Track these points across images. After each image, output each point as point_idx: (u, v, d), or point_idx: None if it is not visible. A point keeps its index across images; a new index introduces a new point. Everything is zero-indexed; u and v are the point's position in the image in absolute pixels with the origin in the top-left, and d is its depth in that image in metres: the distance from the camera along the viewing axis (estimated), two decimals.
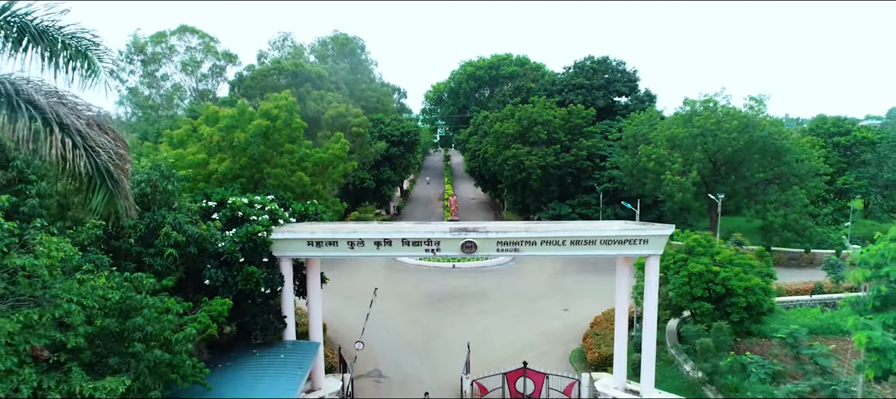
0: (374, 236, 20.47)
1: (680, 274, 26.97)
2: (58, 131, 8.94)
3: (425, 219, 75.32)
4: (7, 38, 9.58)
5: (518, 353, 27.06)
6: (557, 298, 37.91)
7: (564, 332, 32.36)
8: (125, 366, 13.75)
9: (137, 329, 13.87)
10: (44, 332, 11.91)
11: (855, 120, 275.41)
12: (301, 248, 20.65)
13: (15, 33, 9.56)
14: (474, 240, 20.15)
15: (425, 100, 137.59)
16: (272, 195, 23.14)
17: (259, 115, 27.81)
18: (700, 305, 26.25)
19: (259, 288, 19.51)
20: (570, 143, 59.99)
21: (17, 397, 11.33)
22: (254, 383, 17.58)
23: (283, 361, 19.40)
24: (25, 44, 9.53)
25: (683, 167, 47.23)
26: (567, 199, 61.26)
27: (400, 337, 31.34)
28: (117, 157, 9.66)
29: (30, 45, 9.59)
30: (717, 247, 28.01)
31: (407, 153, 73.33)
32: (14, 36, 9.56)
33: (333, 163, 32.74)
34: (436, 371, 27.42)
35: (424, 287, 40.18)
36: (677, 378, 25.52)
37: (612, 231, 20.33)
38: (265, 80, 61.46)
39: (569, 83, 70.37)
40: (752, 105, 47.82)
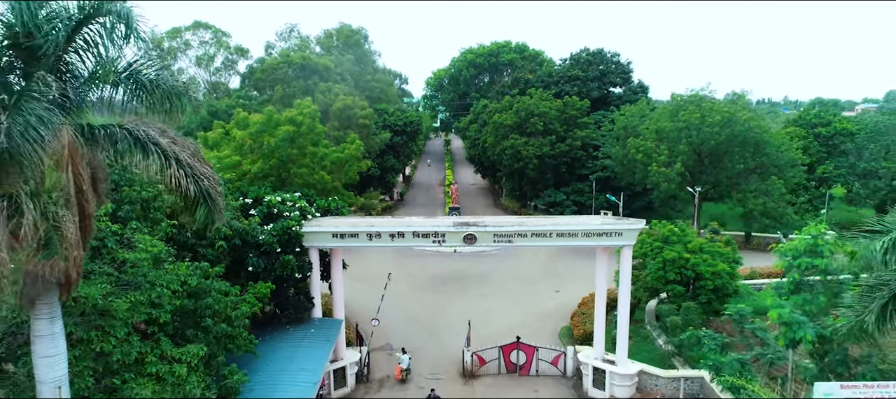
0: (389, 229, 24.01)
1: (656, 260, 30.53)
2: (175, 166, 12.32)
3: (427, 204, 78.85)
4: (126, 89, 12.95)
5: (513, 329, 30.66)
6: (550, 281, 41.50)
7: (555, 311, 36.02)
8: (197, 337, 17.36)
9: (207, 308, 17.49)
10: (143, 310, 15.50)
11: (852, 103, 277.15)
12: (327, 240, 24.20)
13: (133, 86, 12.93)
14: (474, 232, 23.68)
15: (426, 86, 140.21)
16: (299, 192, 26.60)
17: (285, 122, 31.23)
18: (673, 288, 29.91)
19: (293, 273, 23.10)
20: (565, 133, 63.14)
21: (127, 359, 14.92)
22: (293, 353, 21.21)
23: (313, 335, 23.03)
24: (139, 92, 12.91)
25: (669, 159, 50.54)
26: (562, 186, 64.57)
27: (408, 315, 35.00)
28: (214, 182, 13.07)
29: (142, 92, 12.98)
30: (690, 236, 31.49)
31: (409, 142, 76.58)
32: (132, 87, 12.93)
33: (349, 161, 36.28)
34: (440, 345, 31.13)
35: (429, 270, 43.75)
36: (652, 351, 29.25)
37: (591, 225, 23.88)
38: (275, 73, 64.55)
39: (565, 75, 73.38)
40: (734, 99, 50.93)
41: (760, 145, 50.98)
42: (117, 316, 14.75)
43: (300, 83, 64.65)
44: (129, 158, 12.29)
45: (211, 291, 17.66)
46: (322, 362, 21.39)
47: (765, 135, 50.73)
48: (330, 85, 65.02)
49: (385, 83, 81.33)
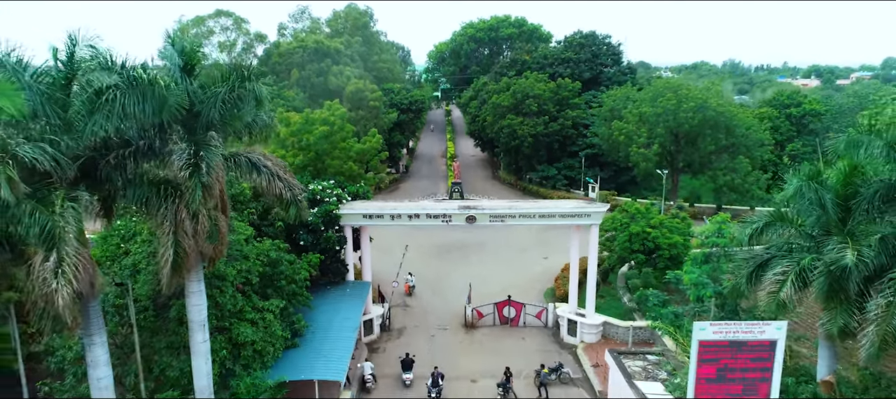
0: (408, 211, 30.55)
1: (624, 233, 37.08)
2: (277, 180, 18.67)
3: (430, 176, 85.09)
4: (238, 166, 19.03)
5: (506, 289, 37.36)
6: (539, 250, 48.10)
7: (542, 274, 42.76)
8: (275, 294, 24.03)
9: (281, 273, 24.14)
10: (243, 276, 22.11)
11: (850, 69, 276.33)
12: (358, 220, 30.73)
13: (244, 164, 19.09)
14: (474, 214, 30.19)
15: (428, 59, 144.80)
16: (333, 180, 33.00)
17: (319, 122, 37.35)
18: (637, 257, 36.53)
19: (333, 246, 29.68)
20: (557, 113, 69.09)
21: (234, 308, 21.57)
22: (337, 306, 27.95)
23: (349, 294, 29.77)
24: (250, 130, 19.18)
25: (648, 140, 56.74)
26: (554, 162, 70.89)
27: (418, 277, 41.71)
28: (299, 190, 19.46)
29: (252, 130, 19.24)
30: (653, 214, 37.92)
31: (415, 119, 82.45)
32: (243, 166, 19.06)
33: (371, 152, 42.54)
34: (446, 302, 37.96)
35: (435, 240, 50.33)
36: (619, 307, 36.04)
37: (566, 208, 30.40)
38: (291, 58, 70.15)
39: (559, 57, 78.87)
40: (707, 87, 56.85)
41: (730, 128, 57.12)
42: (227, 279, 21.39)
43: (314, 66, 70.30)
44: (248, 176, 18.69)
45: (283, 261, 24.30)
46: (359, 313, 28.17)
47: (734, 119, 56.80)
48: (341, 68, 70.72)
49: (391, 62, 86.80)
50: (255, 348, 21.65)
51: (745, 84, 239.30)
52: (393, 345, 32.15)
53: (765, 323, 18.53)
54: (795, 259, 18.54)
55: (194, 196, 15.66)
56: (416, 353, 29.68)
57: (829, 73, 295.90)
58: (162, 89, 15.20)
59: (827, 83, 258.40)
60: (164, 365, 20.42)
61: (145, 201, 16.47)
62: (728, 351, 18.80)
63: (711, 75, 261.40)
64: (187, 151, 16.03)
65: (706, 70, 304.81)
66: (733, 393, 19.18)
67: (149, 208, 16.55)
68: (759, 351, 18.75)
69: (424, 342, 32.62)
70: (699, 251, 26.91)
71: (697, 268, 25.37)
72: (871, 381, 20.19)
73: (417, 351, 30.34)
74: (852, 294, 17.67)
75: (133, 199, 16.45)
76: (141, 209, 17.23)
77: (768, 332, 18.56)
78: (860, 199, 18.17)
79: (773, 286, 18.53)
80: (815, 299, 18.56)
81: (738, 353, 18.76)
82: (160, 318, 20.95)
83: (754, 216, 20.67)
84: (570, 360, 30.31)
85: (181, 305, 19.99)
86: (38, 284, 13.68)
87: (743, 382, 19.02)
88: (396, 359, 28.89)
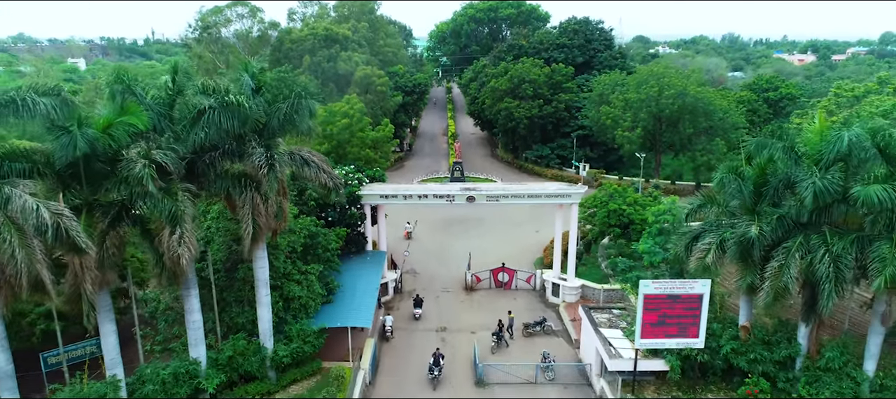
0: (418, 192, 36.30)
1: (603, 210, 42.82)
2: (322, 172, 24.34)
3: (433, 154, 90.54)
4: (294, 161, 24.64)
5: (502, 258, 43.16)
6: (532, 224, 53.84)
7: (533, 245, 48.60)
8: (314, 259, 29.90)
9: (318, 243, 29.98)
10: (291, 245, 27.95)
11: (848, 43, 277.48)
12: (375, 199, 36.46)
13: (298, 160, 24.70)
14: (473, 195, 35.92)
15: (430, 38, 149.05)
16: (354, 165, 38.63)
17: (340, 115, 42.75)
18: (613, 230, 42.32)
19: (355, 222, 35.47)
20: (551, 96, 74.31)
21: (285, 270, 27.39)
22: (360, 271, 33.83)
23: (369, 261, 35.64)
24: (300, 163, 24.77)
25: (632, 124, 62.17)
26: (548, 142, 76.35)
27: (424, 248, 47.63)
28: (337, 180, 25.17)
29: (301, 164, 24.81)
30: (629, 193, 43.56)
31: (418, 101, 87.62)
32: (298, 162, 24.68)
33: (383, 140, 48.03)
34: (448, 269, 43.89)
35: (439, 215, 56.06)
36: (598, 273, 41.93)
37: (550, 190, 36.12)
38: (303, 45, 75.01)
39: (554, 42, 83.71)
40: (686, 75, 62.13)
41: (708, 112, 62.47)
42: (280, 248, 27.22)
43: (324, 52, 75.22)
44: (301, 169, 24.39)
45: (319, 234, 30.13)
46: (378, 277, 34.10)
47: (711, 104, 62.13)
48: (350, 53, 75.70)
49: (396, 46, 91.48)
50: (301, 302, 27.58)
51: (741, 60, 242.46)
52: (405, 304, 38.16)
53: (694, 281, 24.47)
54: (719, 233, 24.31)
55: (271, 186, 21.40)
56: (425, 311, 35.80)
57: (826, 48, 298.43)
58: (245, 109, 20.82)
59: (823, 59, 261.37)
60: (234, 314, 26.37)
61: (228, 190, 22.22)
62: (667, 302, 24.79)
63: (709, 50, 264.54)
64: (263, 154, 21.66)
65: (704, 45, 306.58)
66: (671, 334, 25.21)
67: (232, 195, 22.31)
68: (690, 302, 24.74)
69: (431, 302, 38.60)
70: (656, 226, 32.71)
71: (651, 240, 31.27)
72: (778, 325, 26.23)
73: (426, 309, 36.44)
74: (757, 259, 23.53)
75: (220, 189, 22.21)
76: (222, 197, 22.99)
77: (697, 287, 24.54)
78: (768, 187, 23.93)
79: (701, 253, 24.37)
80: (729, 262, 24.39)
81: (674, 303, 24.76)
82: (229, 279, 26.81)
83: (692, 199, 26.44)
84: (554, 316, 36.36)
85: (246, 268, 25.87)
86: (168, 250, 19.50)
87: (678, 326, 25.05)
88: (409, 308, 35.14)
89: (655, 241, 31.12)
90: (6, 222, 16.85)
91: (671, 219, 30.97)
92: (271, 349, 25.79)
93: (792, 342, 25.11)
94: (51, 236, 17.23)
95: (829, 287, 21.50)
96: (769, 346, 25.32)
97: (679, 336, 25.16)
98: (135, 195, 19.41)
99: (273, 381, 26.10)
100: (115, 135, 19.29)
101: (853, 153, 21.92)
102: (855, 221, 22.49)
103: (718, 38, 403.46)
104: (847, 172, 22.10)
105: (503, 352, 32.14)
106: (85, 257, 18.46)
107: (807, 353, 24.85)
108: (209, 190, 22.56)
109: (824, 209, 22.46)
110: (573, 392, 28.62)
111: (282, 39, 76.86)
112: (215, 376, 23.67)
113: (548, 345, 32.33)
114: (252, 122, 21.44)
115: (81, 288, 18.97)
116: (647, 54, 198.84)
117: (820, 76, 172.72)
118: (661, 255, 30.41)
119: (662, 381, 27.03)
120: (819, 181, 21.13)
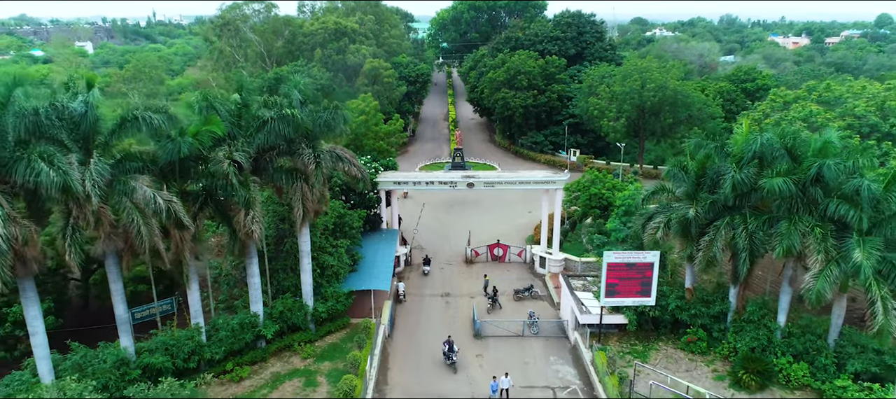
0: (425, 179, 42.72)
1: (586, 193, 49.30)
2: (353, 166, 30.65)
3: (435, 138, 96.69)
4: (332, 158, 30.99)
5: (497, 235, 49.75)
6: (525, 205, 60.35)
7: (526, 224, 55.16)
8: (341, 236, 36.46)
9: (345, 222, 36.54)
10: (325, 223, 34.48)
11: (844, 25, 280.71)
12: (389, 185, 42.91)
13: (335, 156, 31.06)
14: (473, 182, 42.36)
15: (431, 25, 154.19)
16: (370, 156, 44.98)
17: (357, 113, 48.98)
18: (594, 211, 48.83)
19: (372, 204, 41.97)
20: (545, 87, 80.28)
21: (325, 245, 33.95)
22: (377, 246, 40.39)
23: (385, 238, 42.19)
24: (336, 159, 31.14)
25: (617, 115, 68.36)
26: (542, 129, 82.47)
27: (429, 226, 54.18)
28: (364, 172, 31.54)
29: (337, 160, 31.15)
30: (608, 179, 49.96)
31: (421, 90, 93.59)
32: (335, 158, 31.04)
33: (394, 133, 54.30)
34: (450, 245, 50.48)
35: (441, 197, 62.56)
36: (580, 248, 48.46)
37: (538, 177, 42.58)
38: (314, 38, 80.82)
39: (548, 35, 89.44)
40: (667, 69, 68.31)
41: (687, 103, 68.61)
42: (316, 226, 33.72)
43: (334, 45, 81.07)
44: (336, 164, 30.78)
45: (346, 214, 36.65)
46: (393, 250, 40.67)
47: (689, 96, 68.23)
48: (358, 46, 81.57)
49: (399, 37, 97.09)
50: (333, 270, 34.16)
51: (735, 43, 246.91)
52: (414, 274, 44.83)
53: (647, 252, 31.00)
54: (667, 214, 30.81)
55: (317, 178, 27.85)
56: (431, 280, 42.50)
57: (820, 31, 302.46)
58: (297, 119, 27.17)
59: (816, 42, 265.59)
60: (281, 279, 32.98)
61: (282, 181, 28.66)
62: (625, 269, 31.33)
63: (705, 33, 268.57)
64: (310, 153, 28.03)
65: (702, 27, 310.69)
66: (629, 294, 31.80)
67: (283, 185, 28.75)
68: (643, 269, 31.29)
69: (437, 272, 45.25)
70: (621, 207, 39.26)
71: (618, 219, 37.86)
72: (715, 287, 32.90)
73: (432, 278, 43.15)
74: (694, 235, 30.07)
75: (275, 180, 28.65)
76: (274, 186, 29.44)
77: (649, 257, 31.07)
78: (705, 178, 30.37)
79: (653, 230, 30.95)
80: (673, 237, 30.93)
81: (631, 270, 31.30)
82: (277, 251, 33.35)
83: (649, 185, 32.91)
84: (540, 284, 43.01)
85: (292, 242, 32.40)
86: (243, 227, 26.00)
87: (635, 288, 31.62)
88: (418, 277, 41.80)
89: (621, 220, 37.73)
90: (133, 207, 23.30)
91: (631, 203, 37.50)
92: (312, 306, 32.48)
93: (724, 301, 31.78)
94: (163, 217, 23.72)
95: (745, 255, 28.08)
96: (707, 303, 31.99)
97: (635, 296, 31.75)
98: (217, 185, 25.87)
99: (313, 332, 32.83)
100: (201, 139, 25.66)
101: (765, 152, 28.32)
102: (767, 205, 28.97)
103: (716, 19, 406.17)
104: (761, 167, 28.53)
105: (497, 312, 38.85)
106: (184, 232, 24.97)
107: (735, 309, 31.47)
108: (266, 181, 28.97)
109: (745, 195, 28.94)
110: (553, 343, 35.32)
111: (295, 34, 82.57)
112: (271, 326, 30.37)
113: (534, 306, 38.99)
114: (302, 128, 27.77)
115: (181, 255, 25.51)
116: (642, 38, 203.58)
117: (809, 61, 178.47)
118: (624, 231, 37.03)
119: (623, 333, 33.76)
120: (736, 174, 27.60)
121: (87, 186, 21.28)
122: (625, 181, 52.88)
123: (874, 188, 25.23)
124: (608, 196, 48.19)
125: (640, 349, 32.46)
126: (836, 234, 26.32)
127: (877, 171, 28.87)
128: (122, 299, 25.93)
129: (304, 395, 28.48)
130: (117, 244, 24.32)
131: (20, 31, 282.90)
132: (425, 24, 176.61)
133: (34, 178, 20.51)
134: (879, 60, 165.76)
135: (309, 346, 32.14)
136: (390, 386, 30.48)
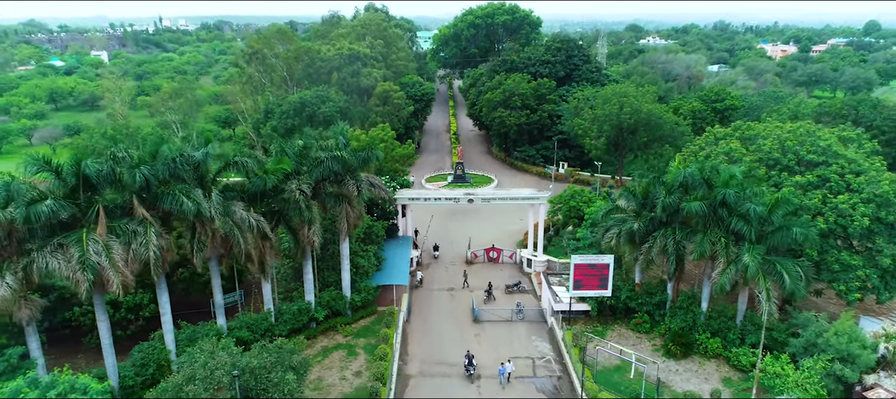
0: (434, 196, 52.84)
1: (566, 206, 59.34)
2: (376, 187, 40.60)
3: (438, 150, 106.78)
4: (368, 184, 41.16)
5: (492, 240, 59.76)
6: (517, 214, 70.30)
7: (517, 231, 65.21)
8: (369, 242, 46.54)
9: (373, 231, 46.67)
10: (358, 233, 44.57)
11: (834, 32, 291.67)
12: (405, 200, 53.03)
13: (369, 183, 41.14)
14: (473, 198, 52.48)
15: (433, 41, 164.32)
16: (388, 176, 55.02)
17: (379, 141, 59.13)
18: (573, 221, 58.90)
19: (391, 216, 52.05)
20: (537, 107, 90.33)
21: (353, 250, 44.06)
22: (396, 250, 50.46)
23: (402, 243, 52.27)
24: (369, 185, 41.23)
25: (598, 134, 78.45)
26: (534, 144, 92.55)
27: (435, 232, 64.21)
28: (387, 192, 41.54)
29: (369, 185, 41.25)
30: (585, 193, 59.96)
31: (425, 108, 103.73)
32: (367, 184, 41.18)
33: (407, 155, 64.52)
34: (453, 248, 60.54)
35: (444, 208, 72.52)
36: (561, 252, 58.53)
37: (526, 194, 52.74)
38: (331, 62, 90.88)
39: (540, 58, 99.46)
40: (643, 93, 78.46)
41: (659, 124, 78.71)
42: (352, 235, 43.77)
43: (348, 68, 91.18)
44: (368, 189, 40.84)
45: (373, 225, 46.75)
46: (408, 254, 50.72)
47: (662, 118, 78.31)
48: (369, 69, 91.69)
49: (406, 60, 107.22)
50: (364, 269, 44.19)
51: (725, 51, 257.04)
52: (424, 272, 54.91)
53: (604, 256, 41.02)
54: (619, 226, 40.86)
55: (359, 202, 37.92)
56: (435, 277, 52.59)
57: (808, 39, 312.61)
58: (345, 158, 37.22)
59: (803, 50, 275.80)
60: (326, 276, 43.02)
61: (331, 203, 38.70)
62: (588, 268, 41.37)
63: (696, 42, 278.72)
64: (353, 183, 38.05)
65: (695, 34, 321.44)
66: (591, 288, 41.78)
67: (331, 205, 38.80)
68: (601, 268, 41.32)
69: (442, 271, 55.29)
70: (589, 219, 49.39)
71: (586, 229, 47.99)
72: (658, 282, 42.99)
73: (437, 276, 53.25)
74: (638, 243, 40.10)
75: (325, 202, 38.71)
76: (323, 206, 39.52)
77: (606, 259, 41.10)
78: (648, 200, 40.39)
79: (609, 239, 41.03)
80: (624, 244, 40.94)
81: (591, 269, 41.33)
82: (322, 254, 43.37)
83: (604, 204, 43.06)
84: (527, 281, 53.06)
85: (334, 248, 42.43)
86: (306, 238, 36.07)
87: (595, 283, 41.63)
88: (428, 274, 51.89)
89: (589, 230, 47.87)
90: (234, 225, 33.33)
91: (595, 216, 47.57)
92: (350, 297, 42.54)
93: (663, 292, 41.83)
94: (254, 231, 33.78)
95: (673, 258, 38.16)
96: (650, 294, 42.05)
97: (596, 289, 41.77)
98: (288, 207, 35.93)
99: (350, 317, 42.91)
100: (276, 174, 35.68)
101: (689, 182, 38.37)
102: (689, 222, 39.04)
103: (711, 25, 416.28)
104: (686, 192, 38.56)
105: (492, 302, 48.88)
106: (267, 242, 35.02)
107: (671, 298, 41.49)
108: (319, 202, 39.03)
109: (674, 214, 38.97)
110: (535, 326, 45.31)
111: (313, 58, 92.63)
112: (321, 311, 40.46)
113: (522, 298, 49.01)
114: (348, 164, 37.82)
115: (263, 258, 35.57)
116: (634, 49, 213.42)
117: (792, 71, 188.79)
118: (590, 239, 47.15)
119: (588, 318, 43.82)
120: (664, 199, 37.66)
121: (211, 211, 31.30)
122: (599, 195, 62.96)
123: (760, 210, 35.20)
124: (585, 208, 58.25)
125: (599, 329, 42.56)
126: (736, 243, 36.35)
127: (773, 195, 38.80)
128: (220, 290, 35.99)
129: (347, 362, 38.56)
130: (219, 251, 34.36)
131: (35, 39, 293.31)
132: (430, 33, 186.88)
133: (177, 207, 30.52)
134: (855, 72, 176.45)
135: (348, 326, 42.22)
136: (411, 355, 40.55)
